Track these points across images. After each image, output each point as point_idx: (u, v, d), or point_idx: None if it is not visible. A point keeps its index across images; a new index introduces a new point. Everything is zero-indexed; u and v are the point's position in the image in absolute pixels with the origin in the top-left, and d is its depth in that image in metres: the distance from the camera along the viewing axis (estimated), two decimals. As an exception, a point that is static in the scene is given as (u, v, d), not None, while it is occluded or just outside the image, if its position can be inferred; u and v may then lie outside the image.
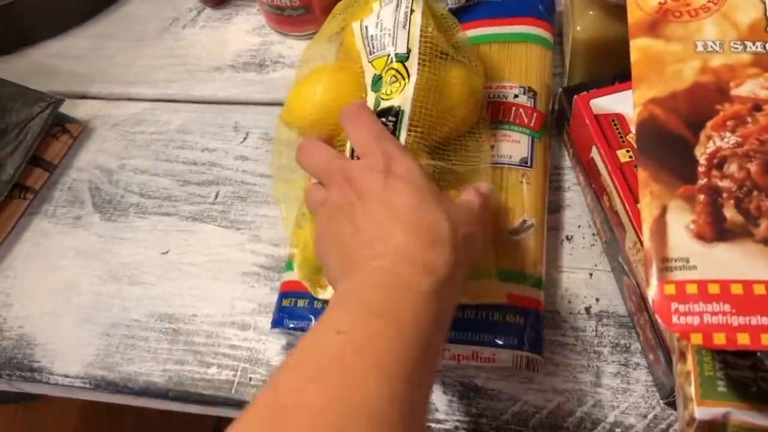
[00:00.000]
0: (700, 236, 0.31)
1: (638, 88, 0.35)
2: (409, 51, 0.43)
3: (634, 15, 0.37)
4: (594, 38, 0.48)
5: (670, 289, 0.30)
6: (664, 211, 0.32)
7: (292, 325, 0.45)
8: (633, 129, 0.42)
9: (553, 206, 0.50)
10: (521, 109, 0.50)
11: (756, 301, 0.29)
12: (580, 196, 0.50)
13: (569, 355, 0.45)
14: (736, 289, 0.29)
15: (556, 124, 0.52)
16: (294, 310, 0.45)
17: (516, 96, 0.51)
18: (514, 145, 0.49)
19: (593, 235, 0.49)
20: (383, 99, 0.43)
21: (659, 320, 0.29)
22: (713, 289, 0.29)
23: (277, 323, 0.46)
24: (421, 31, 0.44)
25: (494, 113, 0.50)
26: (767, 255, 0.30)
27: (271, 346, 0.47)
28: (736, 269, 0.30)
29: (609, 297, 0.46)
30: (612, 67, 0.50)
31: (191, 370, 0.47)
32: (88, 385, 0.48)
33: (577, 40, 0.49)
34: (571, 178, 0.51)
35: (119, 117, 0.60)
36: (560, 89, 0.50)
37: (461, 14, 0.56)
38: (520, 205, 0.47)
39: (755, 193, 0.31)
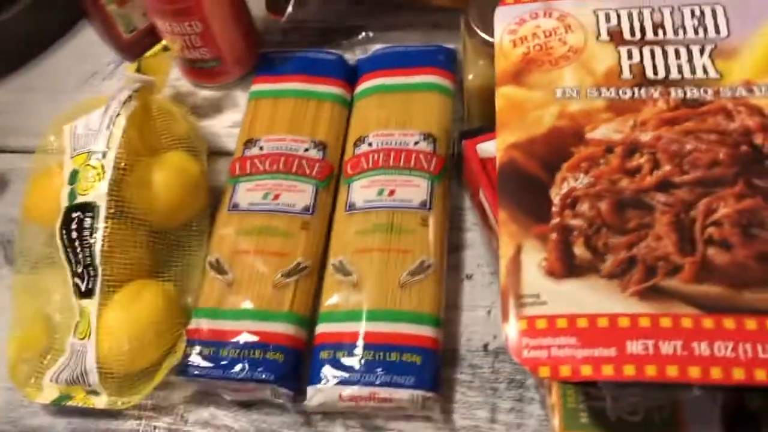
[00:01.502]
0: (551, 273, 0.32)
1: (501, 134, 0.37)
2: (108, 149, 0.48)
3: (500, 65, 0.39)
4: (484, 85, 0.51)
5: (522, 325, 0.31)
6: (519, 250, 0.33)
7: (196, 372, 0.46)
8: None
9: (453, 246, 0.51)
10: (421, 155, 0.52)
11: (599, 334, 0.30)
12: (480, 236, 0.52)
13: (467, 392, 0.46)
14: (582, 323, 0.31)
15: (456, 166, 0.54)
16: (198, 358, 0.46)
17: (417, 143, 0.53)
18: (414, 189, 0.51)
19: (492, 273, 0.50)
20: (80, 194, 0.48)
21: (512, 355, 0.31)
22: (561, 323, 0.31)
23: (181, 371, 0.46)
24: (123, 133, 0.49)
25: (396, 160, 0.52)
26: (611, 289, 0.32)
27: (175, 394, 0.48)
28: (582, 303, 0.31)
29: (506, 334, 0.48)
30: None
31: (96, 420, 0.47)
32: (-11, 441, 0.48)
33: (470, 88, 0.51)
34: (471, 218, 0.53)
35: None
36: (456, 133, 0.52)
37: (367, 64, 0.59)
38: (419, 246, 0.49)
39: (604, 230, 0.33)
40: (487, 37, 0.49)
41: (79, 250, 0.47)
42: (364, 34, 0.60)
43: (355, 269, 0.48)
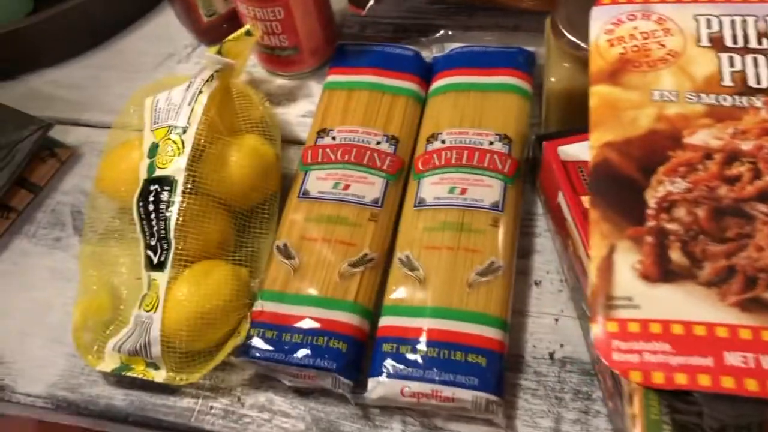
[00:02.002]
0: (646, 276, 0.31)
1: (595, 132, 0.36)
2: (188, 126, 0.48)
3: (595, 64, 0.38)
4: (567, 88, 0.50)
5: (613, 327, 0.30)
6: (612, 250, 0.32)
7: (257, 355, 0.45)
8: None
9: (523, 251, 0.50)
10: (495, 156, 0.51)
11: (695, 342, 0.29)
12: (551, 242, 0.51)
13: (530, 400, 0.45)
14: (677, 330, 0.30)
15: (531, 171, 0.53)
16: (261, 341, 0.46)
17: (491, 143, 0.52)
18: (486, 189, 0.50)
19: (561, 281, 0.49)
20: (159, 167, 0.48)
21: (600, 356, 0.30)
22: (655, 328, 0.30)
23: (242, 353, 0.46)
24: (204, 110, 0.49)
25: (469, 158, 0.51)
26: (709, 297, 0.30)
27: (234, 376, 0.47)
28: (678, 310, 0.30)
29: (573, 343, 0.46)
30: (585, 117, 0.51)
31: (153, 395, 0.47)
32: (49, 405, 0.48)
33: (552, 90, 0.50)
34: (542, 224, 0.52)
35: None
36: (533, 136, 0.51)
37: (443, 62, 0.58)
38: (489, 247, 0.48)
39: (701, 237, 0.32)
40: (575, 40, 0.48)
41: (154, 222, 0.47)
42: (442, 32, 0.60)
43: (422, 265, 0.47)
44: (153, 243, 0.47)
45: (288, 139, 0.59)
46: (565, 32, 0.48)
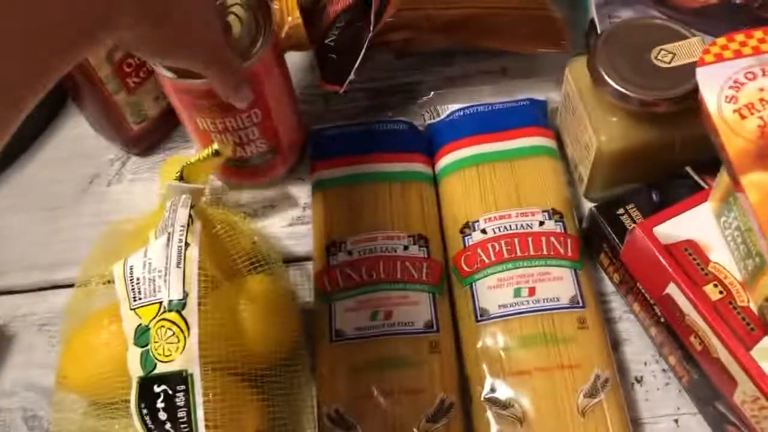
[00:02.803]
0: None
1: (770, 234, 0.28)
2: (186, 296, 0.36)
3: (733, 144, 0.31)
4: (621, 148, 0.42)
5: None
6: None
7: None
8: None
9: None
10: (552, 238, 0.43)
11: None
12: (637, 326, 0.43)
13: None
14: None
15: (586, 243, 0.45)
16: None
17: (542, 223, 0.44)
18: (557, 283, 0.42)
19: (664, 371, 0.42)
20: (161, 361, 0.35)
21: None
22: None
23: None
24: (200, 269, 0.37)
25: (523, 248, 0.43)
26: None
27: None
28: None
29: (705, 445, 0.39)
30: (635, 173, 0.44)
31: None
32: None
33: (603, 152, 0.43)
34: (619, 305, 0.44)
35: (46, 314, 0.47)
36: (592, 208, 0.43)
37: (446, 130, 0.49)
38: (586, 357, 0.39)
39: None
40: (623, 90, 0.40)
41: None
42: (432, 93, 0.50)
43: (515, 399, 0.39)
44: None
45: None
46: (611, 81, 0.41)
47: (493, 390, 0.39)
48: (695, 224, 0.38)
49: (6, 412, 0.44)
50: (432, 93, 0.51)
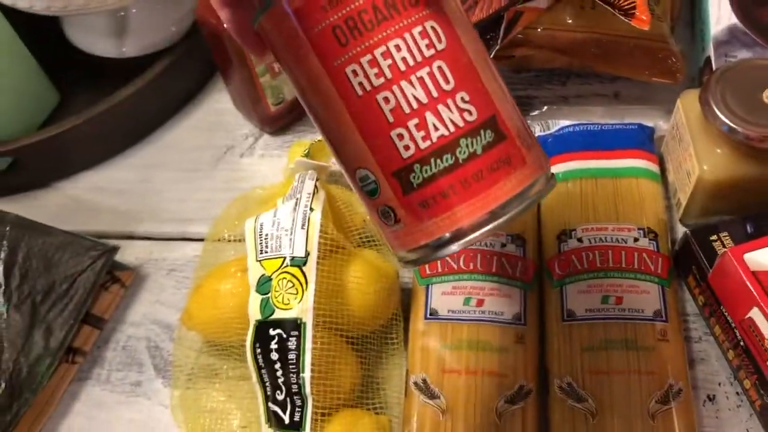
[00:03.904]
0: None
1: None
2: (307, 255, 0.41)
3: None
4: (721, 179, 0.45)
5: None
6: None
7: None
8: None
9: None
10: (644, 254, 0.46)
11: None
12: (715, 348, 0.45)
13: None
14: None
15: (676, 264, 0.47)
16: None
17: (636, 239, 0.46)
18: (644, 296, 0.44)
19: (737, 394, 0.44)
20: (278, 308, 0.40)
21: None
22: None
23: None
24: (321, 231, 0.42)
25: (615, 260, 0.45)
26: None
27: None
28: None
29: (771, 469, 0.41)
30: (732, 204, 0.46)
31: None
32: None
33: (704, 181, 0.45)
34: (700, 327, 0.46)
35: (176, 261, 0.53)
36: (687, 232, 0.46)
37: (555, 143, 0.53)
38: (661, 367, 0.42)
39: None
40: (731, 124, 0.43)
41: (280, 373, 0.40)
42: (545, 108, 0.54)
43: (590, 394, 0.41)
44: (280, 398, 0.40)
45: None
46: (720, 114, 0.43)
47: (570, 383, 0.42)
48: (785, 256, 0.40)
49: (134, 340, 0.50)
50: (545, 107, 0.54)
